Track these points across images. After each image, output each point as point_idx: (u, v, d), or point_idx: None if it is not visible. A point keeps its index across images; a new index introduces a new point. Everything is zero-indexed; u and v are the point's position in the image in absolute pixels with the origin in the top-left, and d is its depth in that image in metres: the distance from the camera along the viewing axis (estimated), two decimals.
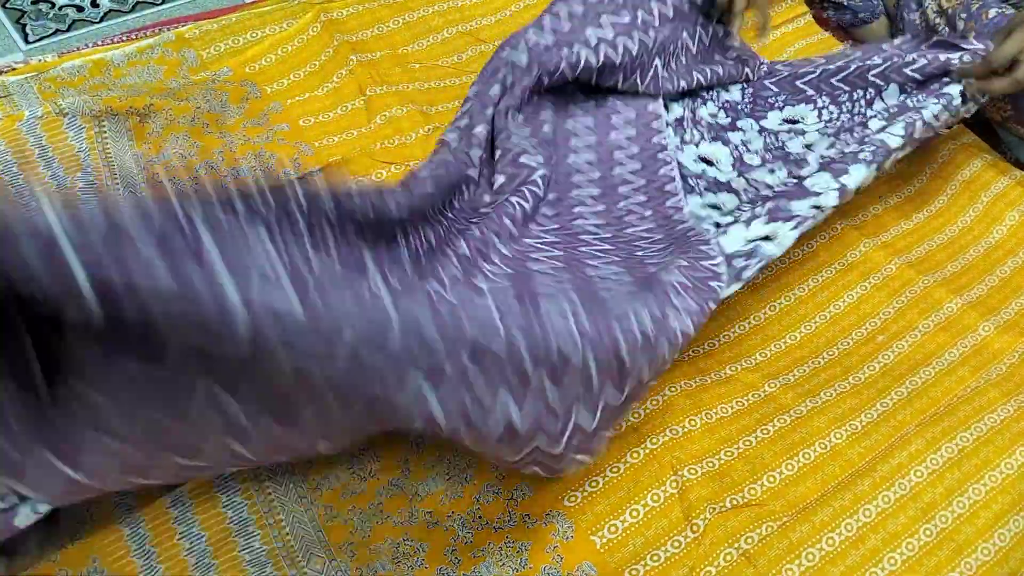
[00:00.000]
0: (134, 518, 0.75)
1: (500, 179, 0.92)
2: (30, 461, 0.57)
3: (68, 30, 1.48)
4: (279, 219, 0.60)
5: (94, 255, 0.45)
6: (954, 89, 1.02)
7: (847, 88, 1.08)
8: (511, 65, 0.97)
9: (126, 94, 1.03)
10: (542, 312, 0.62)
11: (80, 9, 1.54)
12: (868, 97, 1.07)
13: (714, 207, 1.02)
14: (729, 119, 1.12)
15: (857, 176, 0.92)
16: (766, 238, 0.88)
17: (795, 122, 1.10)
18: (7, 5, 1.51)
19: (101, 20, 1.51)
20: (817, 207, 0.91)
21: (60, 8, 1.53)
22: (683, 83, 1.09)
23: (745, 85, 1.15)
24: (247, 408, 0.57)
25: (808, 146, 1.06)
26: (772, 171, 1.02)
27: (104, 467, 0.60)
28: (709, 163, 1.07)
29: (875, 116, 1.05)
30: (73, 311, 0.46)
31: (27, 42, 1.46)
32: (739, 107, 1.13)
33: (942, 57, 1.04)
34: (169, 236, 0.48)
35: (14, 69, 1.07)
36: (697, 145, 1.09)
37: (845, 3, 1.39)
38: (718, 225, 0.95)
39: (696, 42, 1.11)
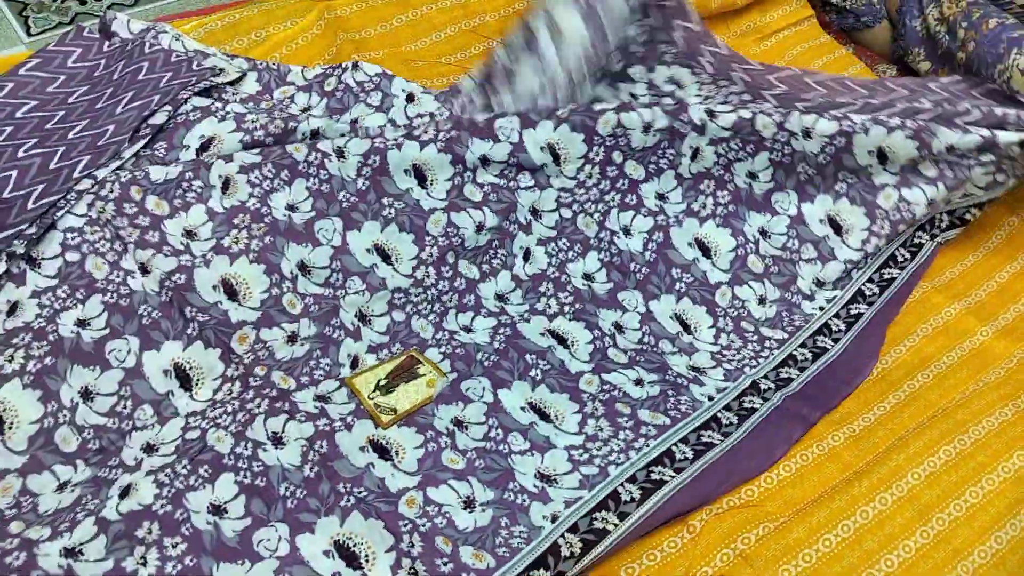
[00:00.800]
0: None
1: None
2: None
3: (71, 23, 1.48)
4: None
5: None
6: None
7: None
8: None
9: None
10: None
11: (83, 2, 1.54)
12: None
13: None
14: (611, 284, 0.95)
15: None
16: None
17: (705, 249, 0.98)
18: None
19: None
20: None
21: (63, 1, 1.53)
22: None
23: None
24: None
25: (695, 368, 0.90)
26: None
27: None
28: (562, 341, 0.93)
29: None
30: None
31: (29, 35, 1.46)
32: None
33: (998, 111, 1.01)
34: None
35: None
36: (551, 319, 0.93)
37: (847, 7, 1.39)
38: None
39: None
